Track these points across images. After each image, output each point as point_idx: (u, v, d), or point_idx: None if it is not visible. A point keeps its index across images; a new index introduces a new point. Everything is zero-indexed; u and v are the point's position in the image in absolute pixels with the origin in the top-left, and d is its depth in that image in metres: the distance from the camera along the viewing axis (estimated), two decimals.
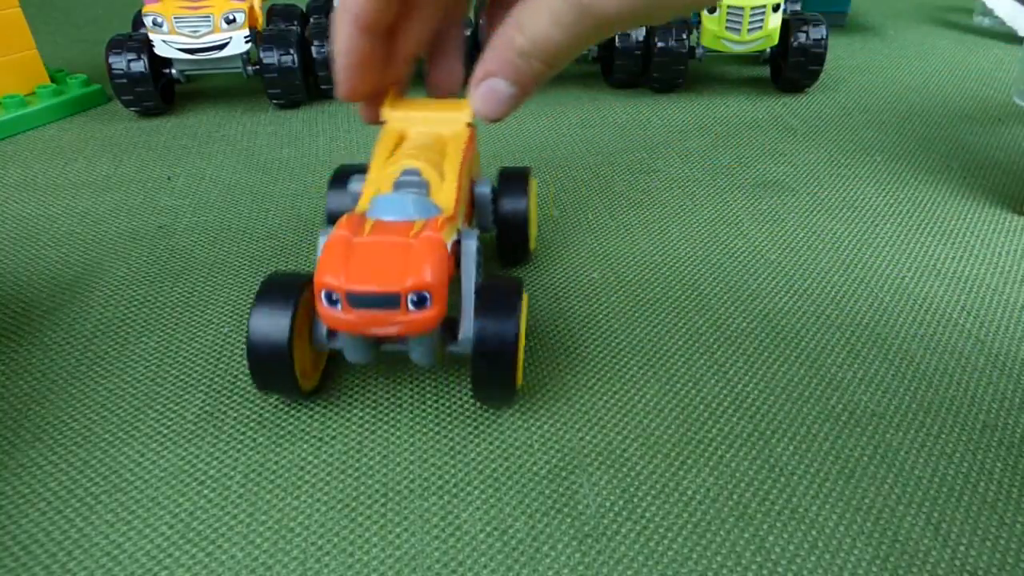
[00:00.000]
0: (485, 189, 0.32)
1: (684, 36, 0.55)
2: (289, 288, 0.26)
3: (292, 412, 0.28)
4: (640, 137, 0.51)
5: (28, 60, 0.56)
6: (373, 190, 0.28)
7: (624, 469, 0.25)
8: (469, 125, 0.30)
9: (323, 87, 0.57)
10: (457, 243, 0.26)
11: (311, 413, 0.27)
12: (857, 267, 0.36)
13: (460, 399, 0.28)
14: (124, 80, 0.53)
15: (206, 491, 0.24)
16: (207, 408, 0.28)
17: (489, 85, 0.23)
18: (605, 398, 0.28)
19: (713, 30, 0.54)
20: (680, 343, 0.31)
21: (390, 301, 0.23)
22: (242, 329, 0.32)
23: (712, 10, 0.54)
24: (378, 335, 0.25)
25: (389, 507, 0.24)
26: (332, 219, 0.33)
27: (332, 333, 0.26)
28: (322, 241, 0.26)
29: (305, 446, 0.26)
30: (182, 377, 0.29)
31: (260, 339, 0.25)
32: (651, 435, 0.26)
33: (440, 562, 0.22)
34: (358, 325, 0.24)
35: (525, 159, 0.48)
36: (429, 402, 0.28)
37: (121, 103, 0.55)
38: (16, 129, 0.53)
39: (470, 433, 0.26)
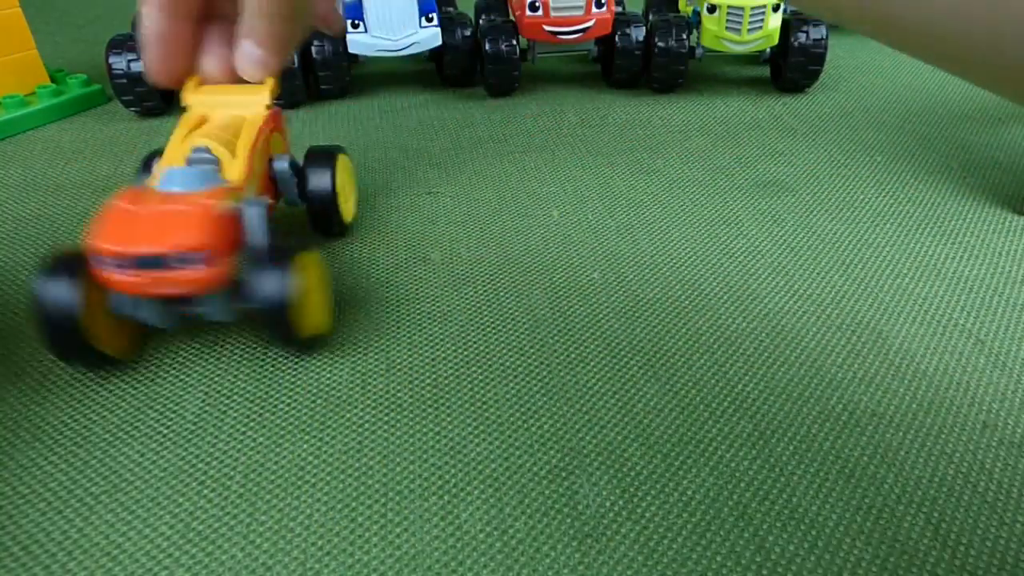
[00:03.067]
0: (283, 164, 0.35)
1: (684, 36, 0.55)
2: (78, 259, 0.27)
3: (292, 412, 0.28)
4: (640, 137, 0.51)
5: (28, 60, 0.56)
6: (166, 166, 0.30)
7: (624, 469, 0.25)
8: (268, 107, 0.33)
9: (323, 87, 0.57)
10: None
11: (311, 413, 0.28)
12: (857, 267, 0.36)
13: (460, 399, 0.28)
14: (124, 80, 0.53)
15: (206, 491, 0.24)
16: (207, 408, 0.28)
17: (241, 51, 0.26)
18: (605, 398, 0.28)
19: (713, 30, 0.54)
20: (680, 343, 0.31)
21: (158, 262, 0.25)
22: (242, 329, 0.32)
23: (712, 10, 0.54)
24: (160, 294, 0.27)
25: (389, 507, 0.24)
26: None
27: (126, 299, 0.28)
28: None
29: (305, 446, 0.26)
30: (182, 377, 0.29)
31: (50, 308, 0.26)
32: (651, 435, 0.26)
33: (440, 562, 0.22)
34: (134, 286, 0.26)
35: (526, 159, 0.48)
36: (429, 402, 0.28)
37: (121, 103, 0.55)
38: (16, 129, 0.53)
39: (470, 433, 0.27)
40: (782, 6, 0.54)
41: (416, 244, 0.38)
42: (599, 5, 0.55)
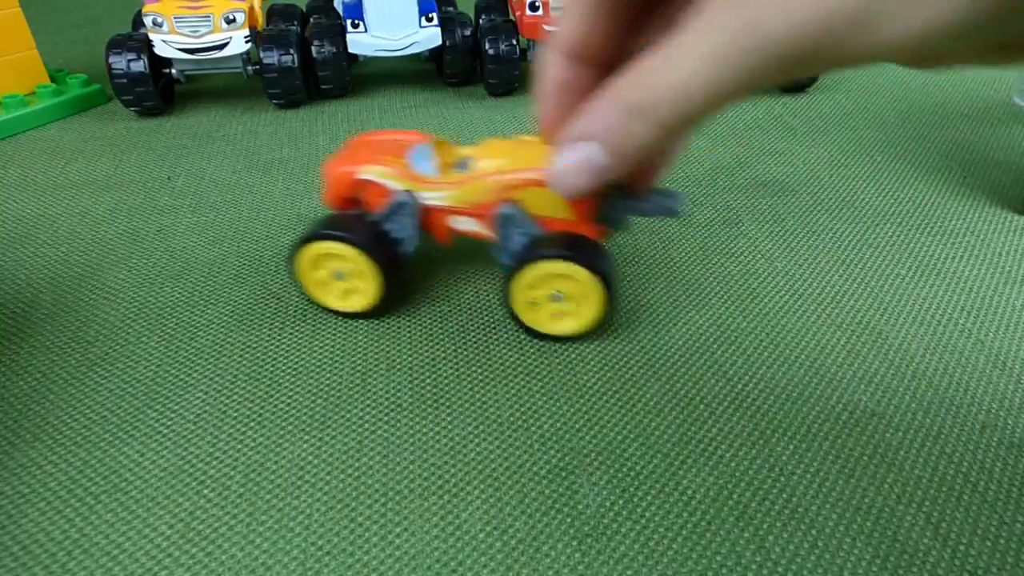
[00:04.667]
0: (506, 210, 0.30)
1: None
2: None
3: (292, 412, 0.28)
4: None
5: (28, 60, 0.56)
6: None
7: (624, 469, 0.25)
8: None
9: (323, 87, 0.57)
10: None
11: (311, 413, 0.28)
12: (857, 267, 0.36)
13: (460, 399, 0.28)
14: (124, 80, 0.53)
15: (206, 491, 0.24)
16: (207, 408, 0.28)
17: (577, 152, 0.18)
18: (605, 398, 0.28)
19: None
20: (680, 343, 0.31)
21: None
22: (242, 329, 0.32)
23: None
24: None
25: (389, 507, 0.24)
26: None
27: None
28: None
29: (305, 446, 0.26)
30: (182, 377, 0.29)
31: None
32: (651, 435, 0.26)
33: (440, 562, 0.22)
34: None
35: None
36: (429, 402, 0.28)
37: (121, 103, 0.55)
38: (16, 129, 0.53)
39: (470, 433, 0.27)
40: None
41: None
42: None
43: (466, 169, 0.31)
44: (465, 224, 0.31)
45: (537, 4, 0.55)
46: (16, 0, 0.55)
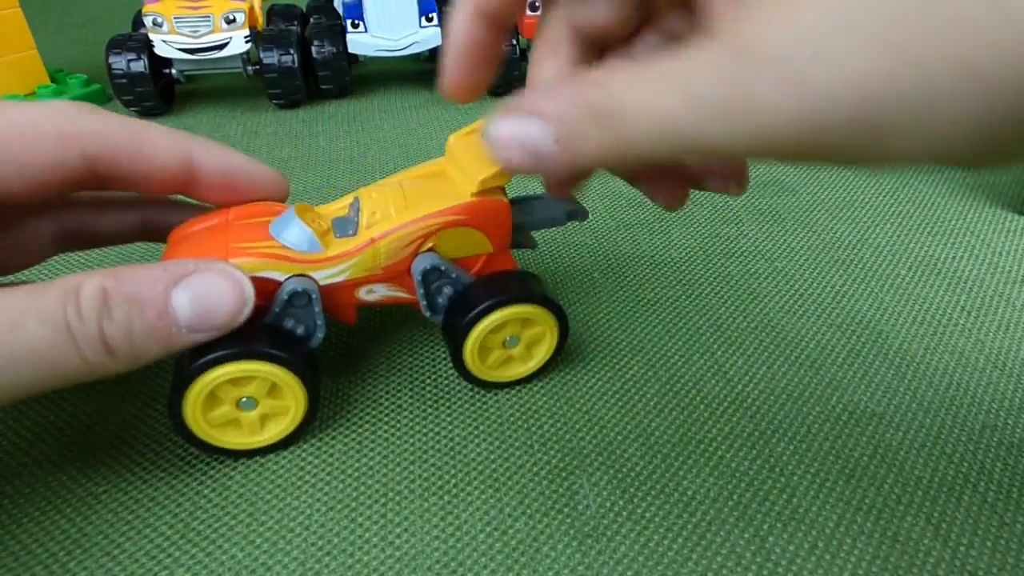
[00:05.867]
0: (424, 264, 0.26)
1: None
2: None
3: None
4: None
5: (28, 60, 0.56)
6: (300, 212, 0.25)
7: (624, 469, 0.25)
8: (472, 195, 0.25)
9: (323, 87, 0.57)
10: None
11: None
12: (857, 267, 0.36)
13: (461, 399, 0.28)
14: (124, 80, 0.53)
15: (206, 491, 0.24)
16: None
17: (523, 126, 0.17)
18: (605, 398, 0.28)
19: None
20: (680, 343, 0.31)
21: None
22: None
23: None
24: None
25: (389, 507, 0.24)
26: None
27: None
28: None
29: (305, 446, 0.26)
30: None
31: None
32: (651, 435, 0.26)
33: (440, 562, 0.22)
34: None
35: None
36: (429, 402, 0.28)
37: (121, 103, 0.55)
38: None
39: (470, 433, 0.27)
40: None
41: None
42: None
43: (353, 230, 0.25)
44: (376, 292, 0.26)
45: (537, 4, 0.55)
46: (16, 0, 0.55)
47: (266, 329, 0.24)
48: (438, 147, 0.50)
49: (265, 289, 0.24)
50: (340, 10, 0.59)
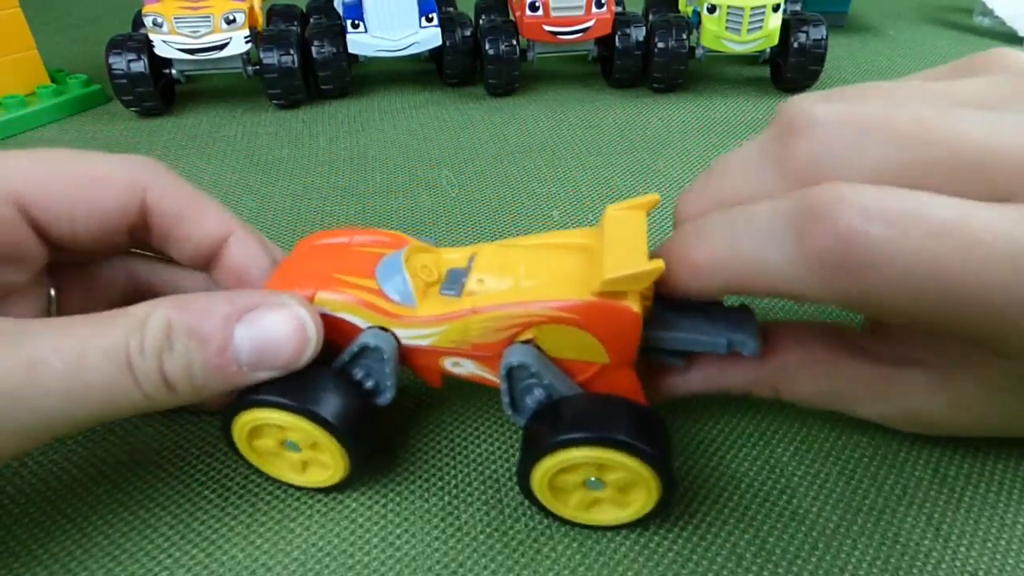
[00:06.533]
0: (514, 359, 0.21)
1: (685, 36, 0.55)
2: None
3: None
4: (640, 137, 0.51)
5: (28, 60, 0.56)
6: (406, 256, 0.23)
7: None
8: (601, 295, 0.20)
9: (323, 87, 0.57)
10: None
11: None
12: None
13: (461, 400, 0.28)
14: (124, 80, 0.53)
15: (206, 491, 0.24)
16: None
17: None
18: None
19: (713, 30, 0.54)
20: None
21: None
22: None
23: (712, 10, 0.54)
24: None
25: (389, 508, 0.24)
26: None
27: None
28: None
29: None
30: None
31: None
32: None
33: (440, 563, 0.22)
34: None
35: (525, 160, 0.48)
36: (429, 402, 0.28)
37: (121, 103, 0.55)
38: (16, 129, 0.53)
39: (470, 434, 0.26)
40: (782, 6, 0.54)
41: None
42: (599, 5, 0.55)
43: (458, 290, 0.22)
44: (463, 368, 0.23)
45: (537, 4, 0.55)
46: (16, 0, 0.55)
47: (327, 378, 0.22)
48: (438, 147, 0.50)
49: (346, 330, 0.23)
50: (340, 10, 0.59)
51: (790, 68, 0.56)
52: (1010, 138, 0.17)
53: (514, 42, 0.56)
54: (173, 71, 0.55)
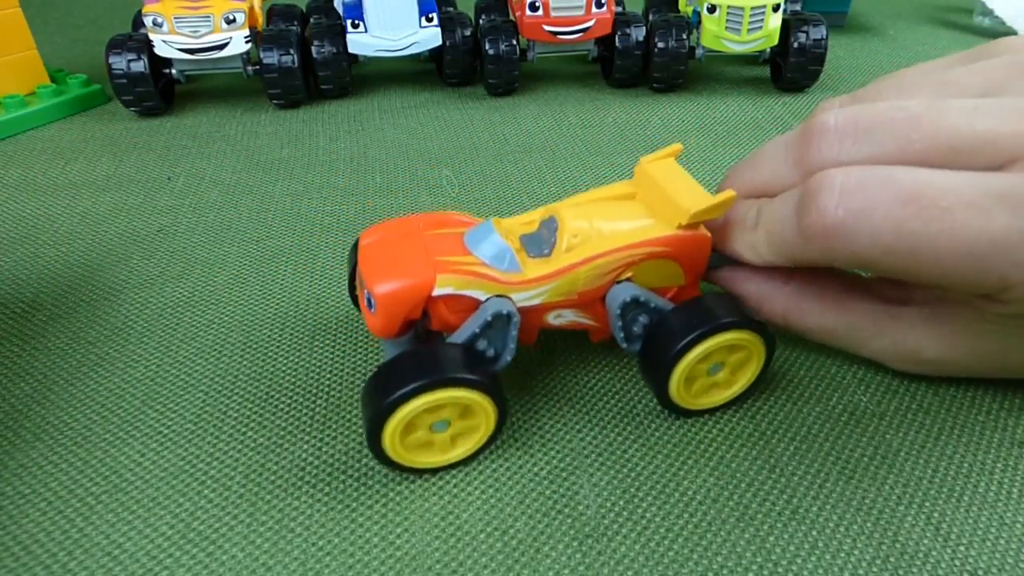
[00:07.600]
0: (624, 297, 0.25)
1: (684, 36, 0.55)
2: None
3: (292, 413, 0.28)
4: (640, 137, 0.51)
5: (28, 60, 0.56)
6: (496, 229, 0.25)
7: (624, 469, 0.25)
8: (680, 226, 0.25)
9: (323, 87, 0.57)
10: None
11: (311, 413, 0.28)
12: None
13: None
14: (124, 80, 0.53)
15: (206, 491, 0.24)
16: (207, 408, 0.28)
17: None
18: (605, 398, 0.28)
19: (713, 30, 0.54)
20: None
21: None
22: (242, 329, 0.32)
23: (712, 10, 0.54)
24: None
25: (390, 508, 0.24)
26: None
27: None
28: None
29: (305, 446, 0.26)
30: (182, 377, 0.29)
31: None
32: (651, 435, 0.26)
33: (440, 562, 0.22)
34: None
35: (525, 160, 0.48)
36: None
37: (121, 103, 0.55)
38: (16, 129, 0.53)
39: None
40: (782, 6, 0.54)
41: None
42: (599, 5, 0.55)
43: (549, 250, 0.25)
44: (564, 318, 0.26)
45: (537, 4, 0.55)
46: (16, 0, 0.55)
47: (458, 351, 0.23)
48: (438, 147, 0.50)
49: (462, 306, 0.24)
50: (340, 10, 0.59)
51: (790, 68, 0.56)
52: (983, 123, 0.21)
53: (514, 42, 0.56)
54: (173, 71, 0.55)
